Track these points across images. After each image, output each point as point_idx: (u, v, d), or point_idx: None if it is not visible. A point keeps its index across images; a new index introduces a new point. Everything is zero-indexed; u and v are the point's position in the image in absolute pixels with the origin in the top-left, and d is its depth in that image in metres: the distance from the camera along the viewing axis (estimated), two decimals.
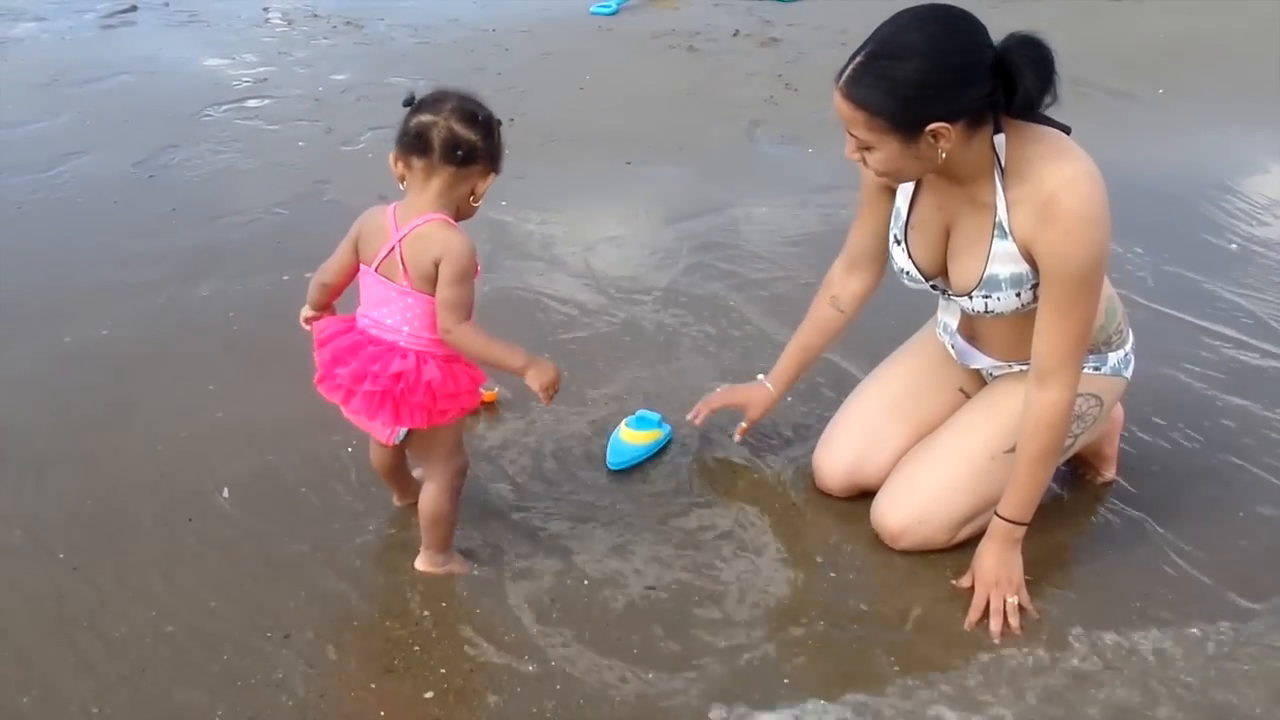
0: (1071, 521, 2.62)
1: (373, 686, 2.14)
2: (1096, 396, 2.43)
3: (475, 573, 2.44)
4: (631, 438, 2.80)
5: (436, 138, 2.12)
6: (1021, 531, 2.33)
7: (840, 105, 2.09)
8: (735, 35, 6.68)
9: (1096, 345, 2.42)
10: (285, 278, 3.49)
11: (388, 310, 2.18)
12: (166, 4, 7.24)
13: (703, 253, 3.97)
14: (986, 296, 2.27)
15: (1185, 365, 3.23)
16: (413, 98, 2.21)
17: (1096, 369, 2.43)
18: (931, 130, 2.03)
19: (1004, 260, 2.21)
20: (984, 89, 2.03)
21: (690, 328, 3.44)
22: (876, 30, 2.07)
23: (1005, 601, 2.31)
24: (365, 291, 2.23)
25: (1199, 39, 6.60)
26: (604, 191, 4.51)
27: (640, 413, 2.86)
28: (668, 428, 2.85)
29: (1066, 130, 2.18)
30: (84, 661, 2.18)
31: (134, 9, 7.10)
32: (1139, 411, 2.92)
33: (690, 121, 5.32)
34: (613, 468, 2.76)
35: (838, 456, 2.62)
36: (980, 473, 2.40)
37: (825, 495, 2.67)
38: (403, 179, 2.20)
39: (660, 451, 2.83)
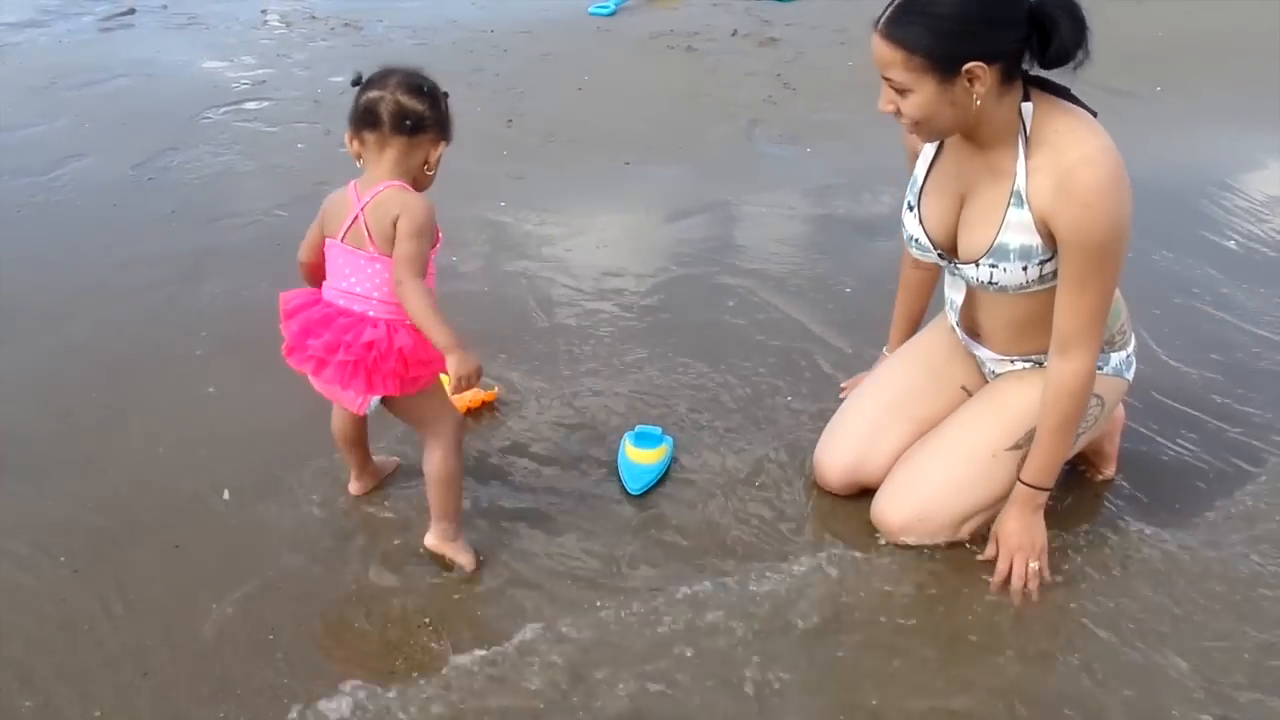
0: (1071, 520, 2.61)
1: (373, 692, 2.14)
2: (1098, 396, 2.42)
3: (482, 560, 2.46)
4: (642, 457, 2.73)
5: (385, 111, 2.24)
6: (1044, 498, 2.37)
7: (878, 48, 2.10)
8: (734, 35, 6.68)
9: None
10: (284, 280, 3.48)
11: (356, 280, 2.25)
12: (165, 7, 7.25)
13: (701, 252, 3.97)
14: (993, 266, 2.27)
15: (1185, 362, 3.23)
16: (360, 77, 2.34)
17: (1100, 369, 2.42)
18: (968, 70, 2.05)
19: (1017, 229, 2.21)
20: (1020, 32, 2.06)
21: (689, 327, 3.43)
22: None
23: (1027, 567, 2.34)
24: (331, 264, 2.31)
25: (1197, 36, 6.60)
26: (603, 192, 4.51)
27: (640, 428, 2.81)
28: (670, 439, 2.81)
29: (1093, 113, 2.20)
30: (84, 667, 2.18)
31: (132, 12, 7.11)
32: (1138, 409, 2.92)
33: (689, 121, 5.32)
34: (635, 493, 2.68)
35: (839, 454, 2.62)
36: (982, 470, 2.40)
37: (826, 492, 2.67)
38: (359, 156, 2.32)
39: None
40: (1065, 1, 2.07)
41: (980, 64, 2.05)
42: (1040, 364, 2.43)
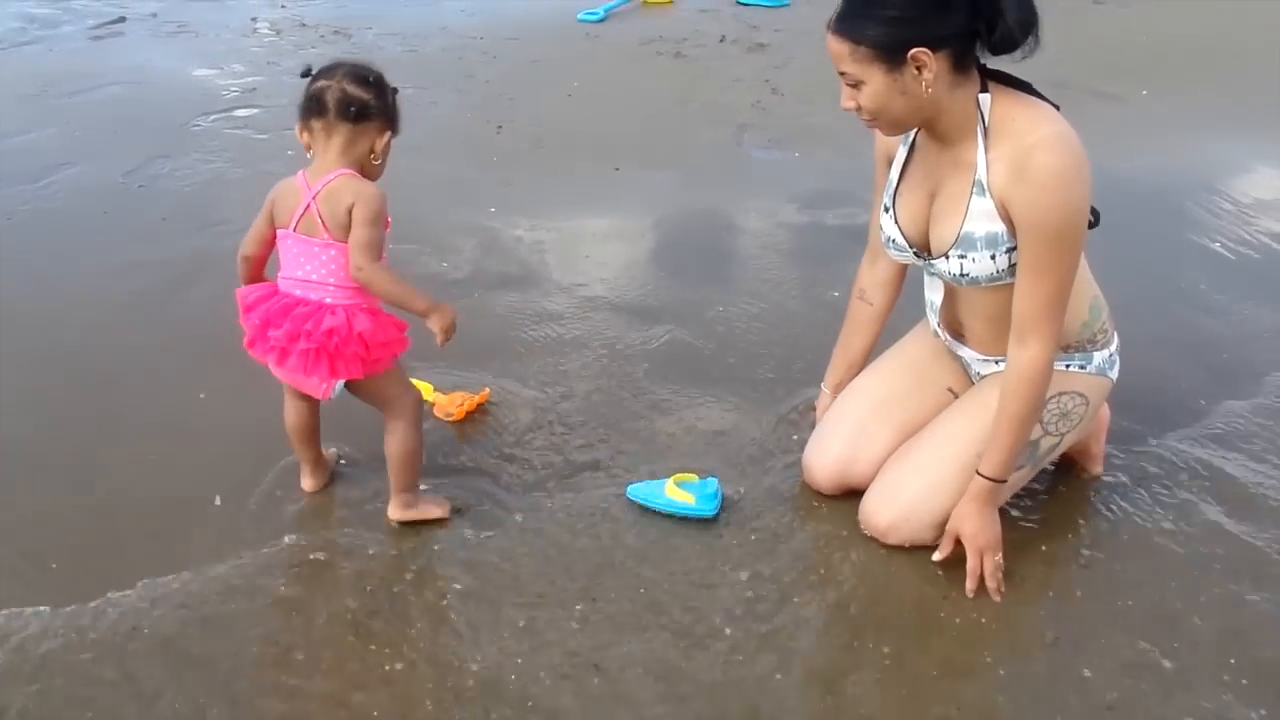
0: (1057, 519, 2.63)
1: (374, 715, 2.16)
2: (1082, 395, 2.45)
3: (459, 513, 2.59)
4: (673, 493, 2.62)
5: (330, 98, 2.32)
6: (1001, 490, 2.37)
7: (830, 43, 2.17)
8: (722, 41, 6.72)
9: (1081, 343, 2.45)
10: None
11: (312, 267, 2.33)
12: (155, 15, 7.26)
13: (690, 257, 3.99)
14: (962, 257, 2.29)
15: (1169, 363, 3.25)
16: (309, 69, 2.41)
17: (1082, 367, 2.46)
18: (913, 57, 2.09)
19: (980, 218, 2.24)
20: (964, 18, 2.09)
21: (678, 332, 3.45)
22: None
23: (996, 561, 2.37)
24: (285, 254, 2.38)
25: (1182, 40, 6.65)
26: (592, 197, 4.53)
27: (702, 481, 2.67)
28: (710, 508, 2.61)
29: (1056, 107, 2.23)
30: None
31: (122, 20, 7.12)
32: (1124, 408, 2.94)
33: (678, 127, 5.35)
34: (631, 495, 2.66)
35: (827, 455, 2.64)
36: (967, 471, 2.40)
37: (814, 493, 2.68)
38: (309, 147, 2.38)
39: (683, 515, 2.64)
40: None
41: (924, 50, 2.09)
42: None
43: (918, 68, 2.11)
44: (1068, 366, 2.45)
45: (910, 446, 2.55)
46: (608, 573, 2.45)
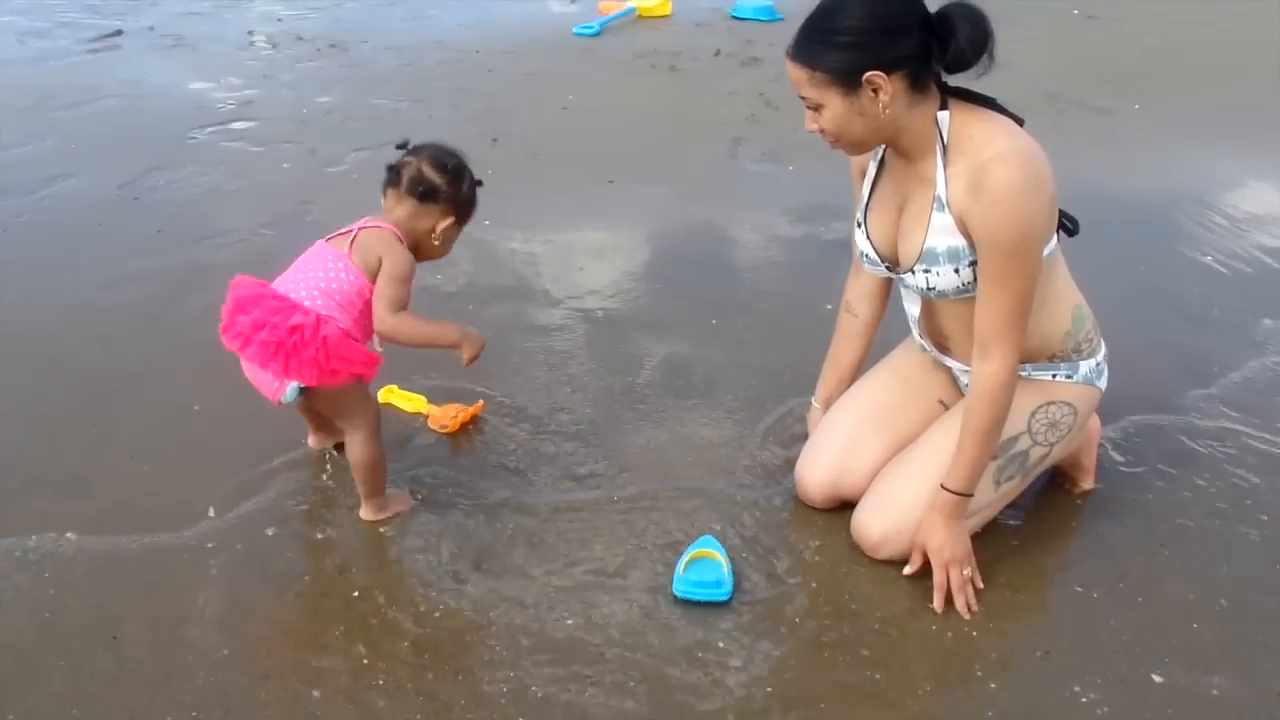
0: (1048, 532, 2.64)
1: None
2: (1070, 405, 2.46)
3: (419, 499, 2.68)
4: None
5: (406, 173, 2.52)
6: (967, 504, 2.37)
7: (789, 70, 2.22)
8: (717, 55, 6.74)
9: (1066, 353, 2.46)
10: None
11: (319, 275, 2.42)
12: (152, 28, 7.28)
13: (684, 270, 4.00)
14: (927, 271, 2.33)
15: (1160, 376, 3.27)
16: (406, 142, 2.63)
17: (1069, 377, 2.47)
18: (868, 80, 2.13)
19: (941, 233, 2.27)
20: (917, 39, 2.13)
21: (672, 346, 3.46)
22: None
23: (964, 575, 2.36)
24: (300, 260, 2.49)
25: (1175, 55, 6.69)
26: (587, 210, 4.55)
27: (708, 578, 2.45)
28: (723, 592, 2.41)
29: (1020, 122, 2.27)
30: (69, 688, 2.19)
31: (119, 33, 7.14)
32: (1115, 421, 2.95)
33: (672, 140, 5.37)
34: (678, 594, 2.41)
35: (819, 468, 2.64)
36: None
37: (807, 506, 2.69)
38: (388, 211, 2.56)
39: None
40: (967, 8, 2.12)
41: (879, 73, 2.12)
42: None
43: (873, 90, 2.15)
44: (1054, 376, 2.46)
45: (902, 459, 2.56)
46: (599, 590, 2.46)
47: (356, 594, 2.42)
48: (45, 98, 5.80)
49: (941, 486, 2.36)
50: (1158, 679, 2.21)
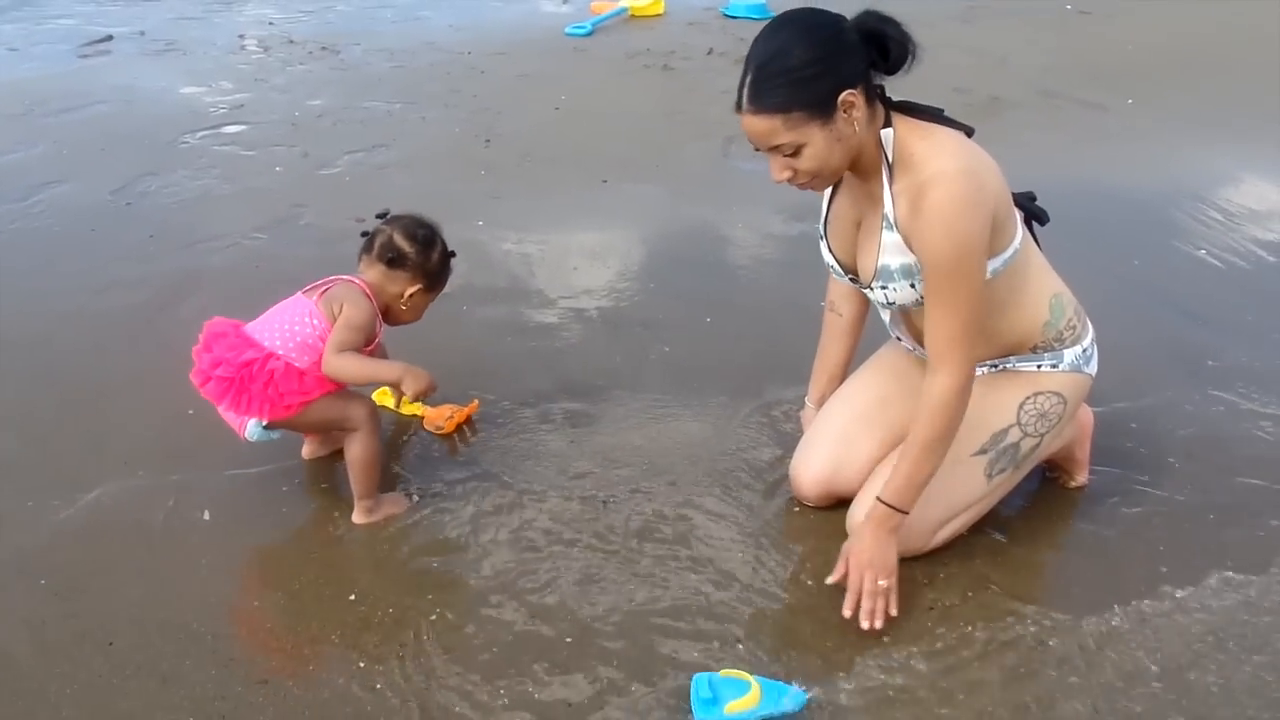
0: (1043, 527, 2.64)
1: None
2: (1059, 394, 2.46)
3: (415, 500, 2.70)
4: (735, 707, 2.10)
5: (378, 240, 2.64)
6: (899, 519, 2.32)
7: (753, 125, 2.17)
8: (709, 53, 6.74)
9: (1048, 342, 2.45)
10: (263, 301, 3.49)
11: (290, 322, 2.53)
12: (142, 33, 7.27)
13: (678, 269, 4.00)
14: (884, 287, 2.35)
15: (1153, 369, 3.27)
16: (386, 212, 2.76)
17: (1054, 366, 2.46)
18: (842, 101, 2.13)
19: (892, 251, 2.28)
20: (860, 53, 2.15)
21: (665, 345, 3.46)
22: (748, 56, 2.20)
23: (878, 584, 2.28)
24: (275, 307, 2.61)
25: (1168, 50, 6.70)
26: (580, 210, 4.55)
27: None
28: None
29: (969, 131, 2.27)
30: (62, 691, 2.18)
31: (110, 39, 7.13)
32: (1106, 416, 2.95)
33: (665, 139, 5.37)
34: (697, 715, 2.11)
35: (813, 465, 2.64)
36: (949, 478, 2.40)
37: (802, 503, 2.69)
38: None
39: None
40: (874, 14, 2.15)
41: (850, 90, 2.13)
42: (997, 368, 2.48)
43: (845, 110, 2.14)
44: (1039, 367, 2.46)
45: (896, 456, 2.55)
46: (595, 585, 2.45)
47: (353, 597, 2.41)
48: (36, 104, 5.79)
49: (877, 498, 2.32)
50: (1154, 668, 2.21)
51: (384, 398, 3.04)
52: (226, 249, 4.13)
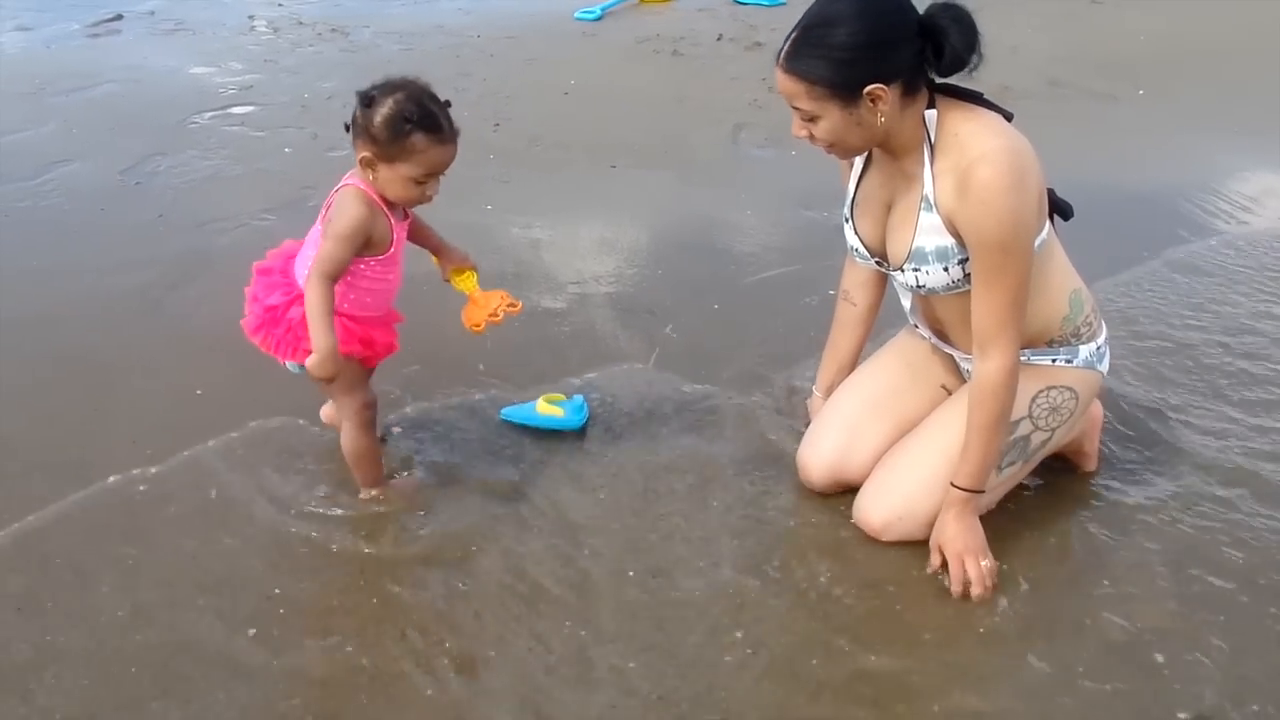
0: (1052, 519, 2.64)
1: None
2: (1071, 389, 2.46)
3: (421, 480, 2.72)
4: (544, 409, 2.90)
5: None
6: (978, 500, 2.38)
7: (782, 81, 2.20)
8: (719, 40, 6.72)
9: (1065, 337, 2.46)
10: None
11: (306, 250, 2.44)
12: (152, 13, 7.25)
13: (686, 255, 4.00)
14: (916, 270, 2.34)
15: (1163, 364, 3.26)
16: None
17: (1069, 361, 2.47)
18: (869, 93, 2.13)
19: (929, 233, 2.28)
20: (913, 48, 2.14)
21: (672, 329, 3.46)
22: (809, 8, 2.19)
23: (980, 566, 2.36)
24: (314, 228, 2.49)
25: (1179, 40, 6.66)
26: (588, 195, 4.54)
27: (570, 399, 2.95)
28: (577, 420, 2.91)
29: (1009, 116, 2.26)
30: (74, 675, 2.20)
31: (119, 18, 7.11)
32: (1116, 407, 2.95)
33: (674, 125, 5.35)
34: (504, 416, 2.92)
35: (821, 453, 2.64)
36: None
37: (809, 491, 2.69)
38: None
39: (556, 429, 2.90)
40: (952, 9, 2.13)
41: (880, 85, 2.12)
42: None
43: (873, 101, 2.14)
44: (1054, 361, 2.46)
45: (904, 444, 2.56)
46: (602, 580, 2.46)
47: (363, 582, 2.42)
48: (45, 83, 5.78)
49: (951, 484, 2.36)
50: (1159, 658, 2.23)
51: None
52: (235, 230, 4.13)
